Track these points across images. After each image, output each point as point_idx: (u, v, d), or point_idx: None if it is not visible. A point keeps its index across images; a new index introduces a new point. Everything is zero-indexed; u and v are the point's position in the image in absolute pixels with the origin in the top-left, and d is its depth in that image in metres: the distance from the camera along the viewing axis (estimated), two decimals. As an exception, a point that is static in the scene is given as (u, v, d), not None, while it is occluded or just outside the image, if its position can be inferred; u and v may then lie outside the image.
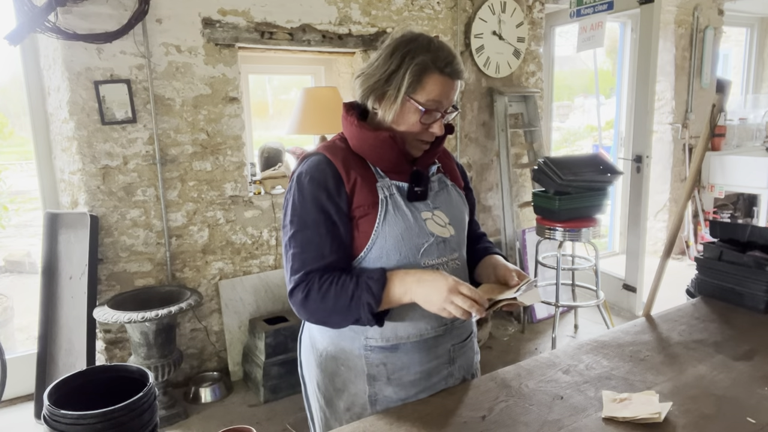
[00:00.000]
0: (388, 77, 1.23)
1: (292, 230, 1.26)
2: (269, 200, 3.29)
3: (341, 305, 1.20)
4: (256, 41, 3.09)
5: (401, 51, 1.23)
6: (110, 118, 2.79)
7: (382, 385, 1.32)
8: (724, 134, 5.22)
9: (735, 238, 1.95)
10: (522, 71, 4.20)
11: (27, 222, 6.36)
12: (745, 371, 1.42)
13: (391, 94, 1.24)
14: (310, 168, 1.27)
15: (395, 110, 1.25)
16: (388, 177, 1.30)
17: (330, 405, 1.38)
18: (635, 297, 4.02)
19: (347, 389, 1.35)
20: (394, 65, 1.23)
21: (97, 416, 1.01)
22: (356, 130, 1.29)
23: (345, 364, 1.34)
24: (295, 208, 1.26)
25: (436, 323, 1.33)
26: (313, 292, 1.21)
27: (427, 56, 1.22)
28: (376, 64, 1.26)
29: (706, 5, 5.06)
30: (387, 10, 3.48)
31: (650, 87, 3.75)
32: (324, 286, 1.21)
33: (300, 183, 1.27)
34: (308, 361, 1.44)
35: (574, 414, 1.25)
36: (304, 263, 1.24)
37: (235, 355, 3.24)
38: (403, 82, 1.22)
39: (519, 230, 4.08)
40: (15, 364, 2.91)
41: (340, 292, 1.20)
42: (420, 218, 1.29)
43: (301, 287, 1.23)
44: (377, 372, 1.32)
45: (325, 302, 1.21)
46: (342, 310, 1.21)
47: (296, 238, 1.25)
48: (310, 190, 1.25)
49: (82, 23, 2.66)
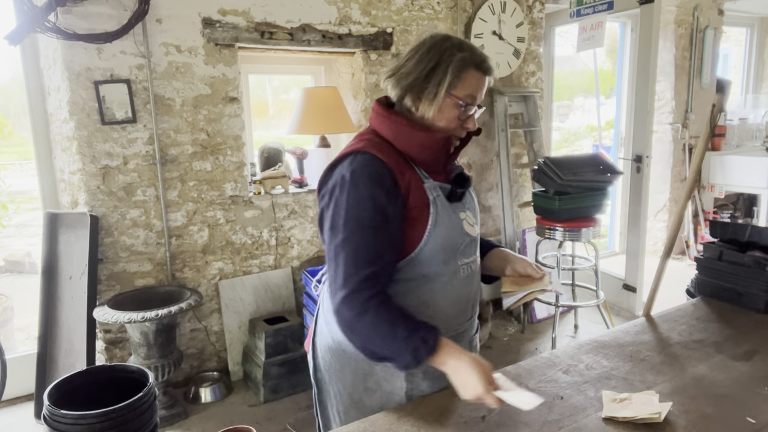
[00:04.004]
0: (427, 75, 1.25)
1: (346, 232, 1.20)
2: (269, 200, 3.29)
3: (383, 343, 1.19)
4: (256, 41, 3.09)
5: (438, 49, 1.25)
6: (110, 118, 2.79)
7: (419, 380, 1.35)
8: (724, 134, 5.22)
9: (735, 238, 1.95)
10: (522, 71, 4.20)
11: (27, 222, 6.36)
12: (745, 371, 1.42)
13: (431, 91, 1.25)
14: (363, 166, 1.22)
15: (436, 106, 1.26)
16: (432, 177, 1.31)
17: (358, 406, 1.37)
18: (635, 297, 4.02)
19: (381, 388, 1.35)
20: (432, 62, 1.25)
21: (97, 416, 1.01)
22: (406, 130, 1.28)
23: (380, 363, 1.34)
24: (350, 207, 1.20)
25: (463, 318, 1.40)
26: (367, 317, 1.17)
27: (465, 53, 1.25)
28: (412, 63, 1.27)
29: (706, 5, 5.06)
30: (387, 10, 3.48)
31: (650, 87, 3.75)
32: (381, 315, 1.18)
33: (355, 180, 1.21)
34: (330, 365, 1.41)
35: (574, 414, 1.25)
36: (358, 268, 1.19)
37: (235, 355, 3.24)
38: (445, 78, 1.24)
39: (519, 230, 4.08)
40: (15, 364, 2.91)
41: (389, 330, 1.18)
42: (459, 219, 1.33)
43: (356, 300, 1.18)
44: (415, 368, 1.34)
45: (370, 335, 1.19)
46: (381, 349, 1.20)
47: (351, 241, 1.20)
48: (368, 189, 1.20)
49: (82, 23, 2.66)
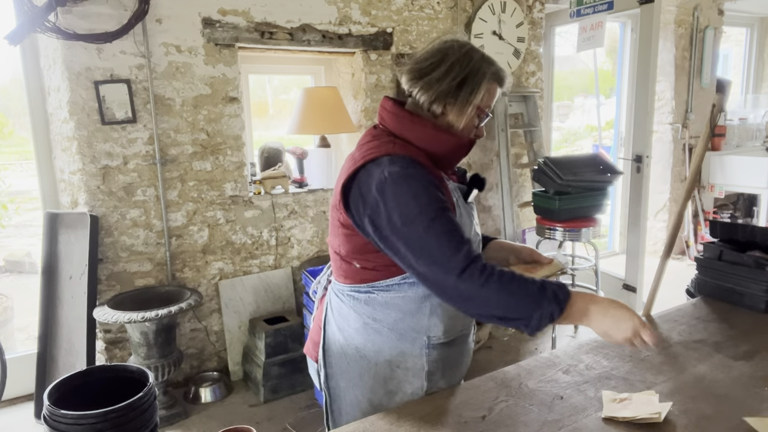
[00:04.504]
0: (459, 84, 1.27)
1: (426, 219, 1.16)
2: (269, 200, 3.29)
3: (517, 302, 1.14)
4: (256, 41, 3.09)
5: (468, 59, 1.28)
6: (110, 118, 2.79)
7: (438, 379, 1.37)
8: (724, 134, 5.22)
9: (735, 238, 1.95)
10: (522, 71, 4.20)
11: (27, 222, 6.35)
12: (745, 371, 1.42)
13: (463, 101, 1.28)
14: (408, 165, 1.21)
15: (465, 115, 1.30)
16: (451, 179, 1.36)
17: (378, 410, 1.34)
18: (635, 297, 4.02)
19: (401, 390, 1.36)
20: (464, 73, 1.27)
21: (97, 416, 1.01)
22: (434, 133, 1.29)
23: (402, 365, 1.34)
24: (419, 196, 1.18)
25: (470, 318, 1.42)
26: (495, 277, 1.14)
27: (494, 68, 1.30)
28: (442, 70, 1.27)
29: (706, 5, 5.06)
30: (387, 10, 3.48)
31: (650, 87, 3.75)
32: (505, 277, 1.15)
33: (408, 174, 1.19)
34: (345, 373, 1.38)
35: (574, 414, 1.25)
36: (462, 241, 1.16)
37: (235, 355, 3.24)
38: (479, 91, 1.28)
39: (519, 230, 4.08)
40: (15, 364, 2.91)
41: (520, 288, 1.15)
42: (472, 218, 1.37)
43: (475, 268, 1.14)
44: (435, 367, 1.36)
45: (502, 293, 1.14)
46: (515, 307, 1.15)
47: (436, 224, 1.16)
48: (425, 178, 1.20)
49: (82, 23, 2.66)
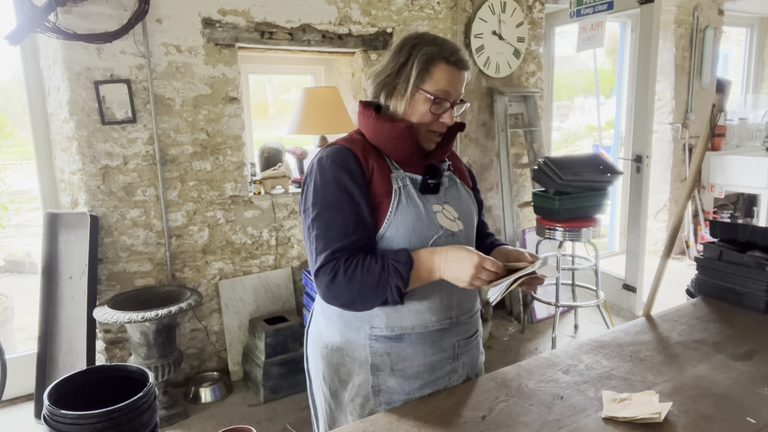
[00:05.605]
0: (398, 71, 1.31)
1: (314, 212, 1.27)
2: (269, 200, 3.29)
3: (368, 288, 1.21)
4: (256, 41, 3.09)
5: (408, 45, 1.31)
6: (110, 118, 2.79)
7: (386, 376, 1.34)
8: (724, 134, 5.22)
9: (735, 238, 1.95)
10: (522, 71, 4.20)
11: (27, 222, 6.35)
12: (745, 371, 1.42)
13: (401, 87, 1.31)
14: (330, 153, 1.30)
15: (406, 101, 1.32)
16: (402, 169, 1.34)
17: (335, 397, 1.40)
18: (635, 297, 4.02)
19: (351, 380, 1.36)
20: (402, 59, 1.30)
21: (97, 416, 1.01)
22: (373, 123, 1.34)
23: (350, 354, 1.35)
24: (317, 190, 1.27)
25: (442, 316, 1.35)
26: (340, 275, 1.21)
27: (434, 47, 1.29)
28: (385, 61, 1.33)
29: (706, 5, 5.06)
30: (387, 10, 3.48)
31: (650, 87, 3.75)
32: (350, 269, 1.21)
33: (321, 166, 1.29)
34: (314, 355, 1.45)
35: (574, 414, 1.25)
36: (329, 243, 1.24)
37: (235, 355, 3.24)
38: (412, 72, 1.29)
39: (519, 230, 4.08)
40: (15, 364, 2.91)
41: (366, 275, 1.21)
42: (431, 210, 1.32)
43: (327, 268, 1.22)
44: (381, 362, 1.33)
45: (352, 285, 1.21)
46: (369, 293, 1.22)
47: (320, 219, 1.26)
48: (332, 172, 1.27)
49: (82, 23, 2.66)
